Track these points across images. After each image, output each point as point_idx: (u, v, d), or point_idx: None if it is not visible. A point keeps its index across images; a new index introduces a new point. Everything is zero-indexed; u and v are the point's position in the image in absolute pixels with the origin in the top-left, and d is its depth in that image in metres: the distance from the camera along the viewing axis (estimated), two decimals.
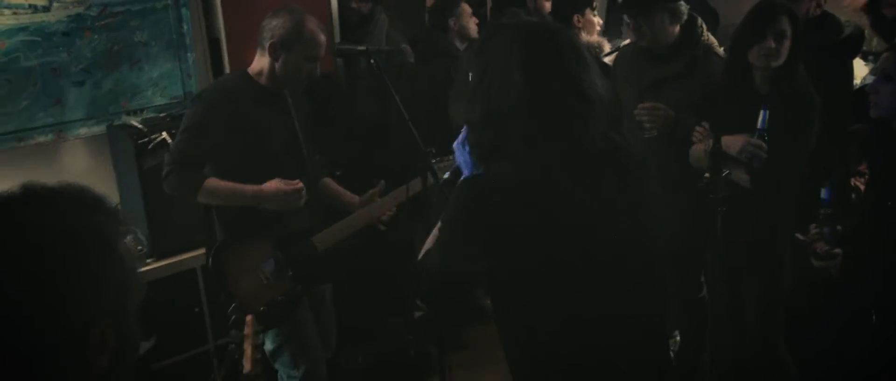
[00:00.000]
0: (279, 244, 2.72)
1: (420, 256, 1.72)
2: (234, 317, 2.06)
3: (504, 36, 1.62)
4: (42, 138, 3.16)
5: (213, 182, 2.63)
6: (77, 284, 0.89)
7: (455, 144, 1.74)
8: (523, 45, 1.58)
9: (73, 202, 0.95)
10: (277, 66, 2.64)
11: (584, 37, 3.92)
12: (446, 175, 1.96)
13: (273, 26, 2.62)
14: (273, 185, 2.61)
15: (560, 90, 1.56)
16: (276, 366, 2.86)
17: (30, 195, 0.92)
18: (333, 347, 3.13)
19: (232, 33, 3.55)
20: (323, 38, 2.67)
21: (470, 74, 1.63)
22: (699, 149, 2.65)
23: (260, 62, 2.69)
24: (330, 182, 2.96)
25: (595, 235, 1.57)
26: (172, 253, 3.23)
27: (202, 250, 3.23)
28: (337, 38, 3.85)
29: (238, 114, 2.63)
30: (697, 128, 2.67)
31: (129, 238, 1.00)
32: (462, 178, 1.74)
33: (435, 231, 1.71)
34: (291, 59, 2.61)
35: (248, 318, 2.02)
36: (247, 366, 1.94)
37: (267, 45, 2.62)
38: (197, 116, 2.63)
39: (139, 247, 3.15)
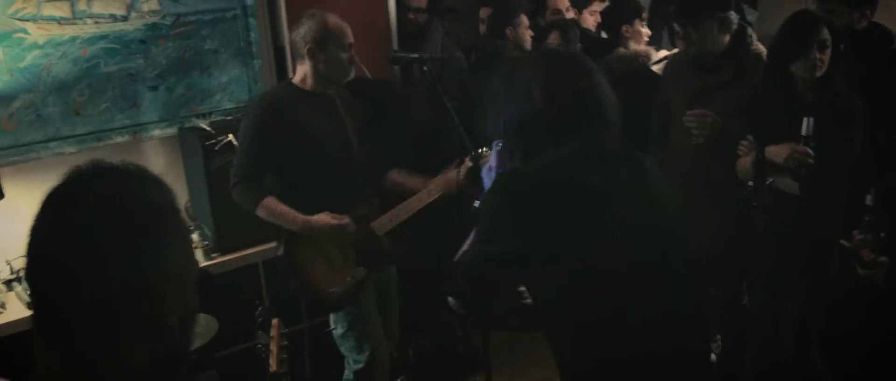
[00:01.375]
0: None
1: (457, 256, 1.80)
2: (260, 319, 2.13)
3: (529, 62, 1.90)
4: (119, 139, 3.30)
5: (270, 202, 2.77)
6: (142, 251, 0.94)
7: (483, 172, 1.87)
8: (540, 68, 1.79)
9: (135, 178, 1.00)
10: (320, 66, 2.77)
11: (632, 46, 3.91)
12: (476, 204, 2.03)
13: (303, 34, 2.77)
14: (323, 219, 2.76)
15: (572, 103, 1.72)
16: (343, 351, 2.97)
17: (96, 170, 0.98)
18: (397, 337, 3.20)
19: (294, 44, 3.63)
20: (348, 27, 2.81)
21: (498, 94, 1.80)
22: (746, 162, 2.62)
23: (302, 70, 2.83)
24: (395, 176, 3.06)
25: (624, 225, 1.65)
26: (236, 249, 3.33)
27: (263, 246, 3.34)
28: (395, 47, 3.91)
29: (286, 121, 2.75)
30: (742, 142, 2.64)
31: (183, 216, 1.05)
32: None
33: (470, 237, 1.80)
34: (329, 54, 2.75)
35: (274, 321, 2.09)
36: (273, 366, 2.01)
37: (305, 51, 2.76)
38: (249, 131, 2.78)
39: (205, 242, 3.26)
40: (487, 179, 1.89)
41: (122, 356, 0.95)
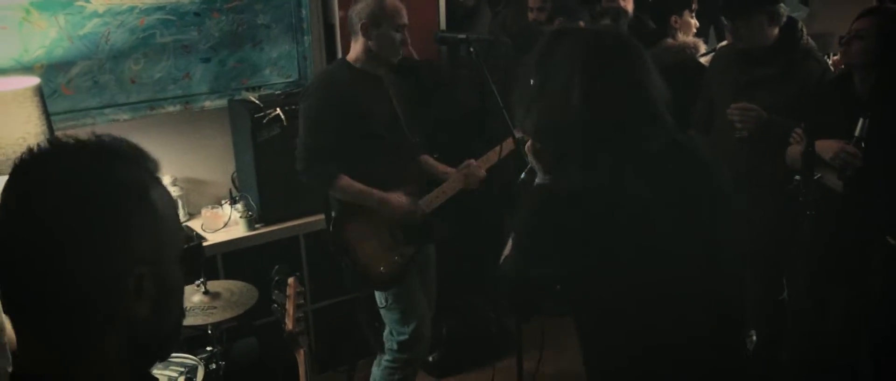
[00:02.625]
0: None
1: (500, 261, 1.71)
2: (277, 278, 2.11)
3: (565, 45, 1.56)
4: (171, 108, 3.33)
5: (345, 181, 2.77)
6: (106, 231, 0.86)
7: (527, 147, 1.73)
8: (584, 56, 1.52)
9: (99, 153, 0.90)
10: (372, 44, 2.76)
11: (681, 37, 3.80)
12: (523, 175, 1.96)
13: (358, 11, 2.77)
14: (399, 198, 2.81)
15: (620, 101, 1.50)
16: (387, 323, 3.00)
17: (58, 148, 0.90)
18: (434, 309, 3.21)
19: (350, 20, 3.62)
20: (403, 8, 2.80)
21: (531, 82, 1.57)
22: (796, 150, 2.55)
23: (355, 48, 2.82)
24: (426, 158, 3.07)
25: (662, 231, 1.52)
26: (279, 220, 3.35)
27: (305, 219, 3.36)
28: (443, 28, 3.87)
29: (345, 99, 2.75)
30: (796, 130, 2.56)
31: (161, 188, 0.94)
32: (536, 181, 1.73)
33: (512, 238, 1.70)
34: (382, 33, 2.75)
35: (291, 279, 2.06)
36: (289, 325, 1.99)
37: (359, 28, 2.76)
38: (312, 110, 2.77)
39: (249, 212, 3.28)
40: (529, 155, 1.77)
41: (95, 338, 0.88)
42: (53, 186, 0.87)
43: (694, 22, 3.88)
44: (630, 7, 4.07)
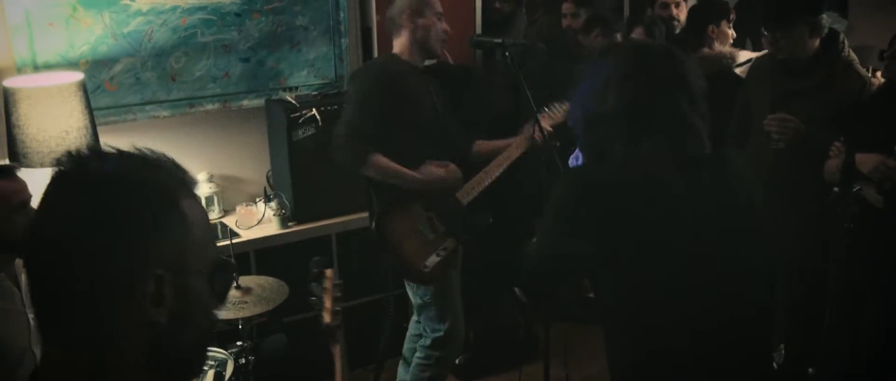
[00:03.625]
0: (430, 205, 2.84)
1: (526, 248, 1.74)
2: (315, 270, 2.09)
3: (615, 53, 1.73)
4: (210, 106, 3.36)
5: (380, 159, 2.74)
6: (128, 230, 0.86)
7: (570, 158, 1.79)
8: (628, 60, 1.66)
9: (134, 161, 0.92)
10: (418, 34, 2.81)
11: (718, 47, 3.74)
12: (571, 160, 1.97)
13: (399, 6, 2.82)
14: (433, 169, 2.79)
15: (653, 102, 1.61)
16: (422, 320, 2.99)
17: (95, 154, 0.92)
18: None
19: (391, 16, 3.63)
20: None
21: (576, 85, 1.72)
22: (834, 163, 2.48)
23: (400, 42, 2.86)
24: (482, 142, 3.07)
25: (688, 232, 1.57)
26: (311, 219, 3.36)
27: (337, 219, 3.36)
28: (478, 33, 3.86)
29: (395, 86, 2.79)
30: (835, 143, 2.49)
31: (194, 201, 0.94)
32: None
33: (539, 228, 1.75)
34: (426, 21, 2.81)
35: (328, 272, 2.04)
36: (326, 318, 1.97)
37: (403, 21, 2.81)
38: (362, 90, 2.78)
39: (282, 210, 3.29)
40: (574, 164, 1.84)
41: (117, 340, 0.88)
42: (87, 188, 0.88)
43: (731, 32, 3.82)
44: (682, 15, 4.02)
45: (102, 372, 0.88)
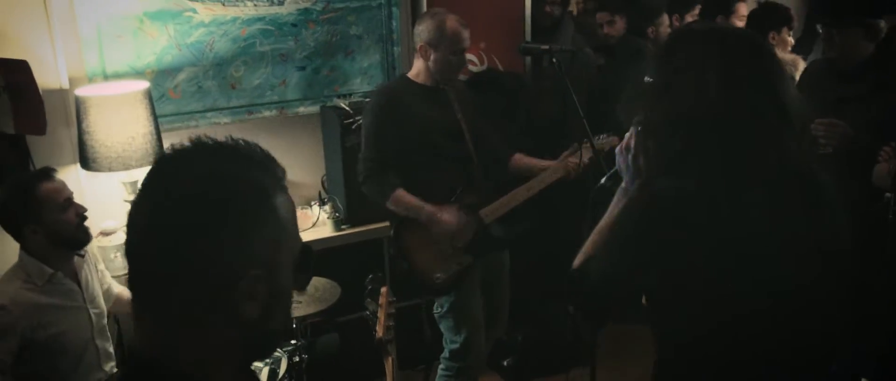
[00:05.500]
0: None
1: (577, 262, 1.58)
2: (370, 287, 2.13)
3: (698, 41, 1.46)
4: (267, 113, 3.45)
5: (400, 194, 2.80)
6: (229, 228, 0.88)
7: (617, 150, 1.61)
8: (721, 51, 1.41)
9: (233, 156, 0.93)
10: (431, 65, 2.79)
11: (779, 54, 3.66)
12: (603, 180, 1.89)
13: (420, 31, 2.80)
14: (449, 217, 2.77)
15: (757, 100, 1.38)
16: (442, 330, 3.00)
17: (197, 147, 0.93)
18: (504, 326, 3.17)
19: (414, 37, 3.67)
20: (465, 32, 2.79)
21: (654, 77, 1.48)
22: (884, 168, 2.40)
23: (417, 65, 2.88)
24: (521, 157, 3.05)
25: (765, 258, 1.40)
26: (364, 223, 3.41)
27: (389, 223, 3.39)
28: (528, 39, 3.85)
29: (400, 112, 2.80)
30: (885, 148, 2.41)
31: (285, 196, 0.95)
32: (622, 185, 1.62)
33: (591, 237, 1.60)
34: (439, 56, 2.77)
35: (383, 289, 2.08)
36: (379, 332, 2.01)
37: (419, 49, 2.80)
38: (370, 127, 2.85)
39: (336, 213, 3.35)
40: (621, 157, 1.59)
41: (208, 331, 0.90)
42: (187, 180, 0.89)
43: (791, 39, 3.73)
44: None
45: (191, 356, 0.90)
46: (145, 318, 0.92)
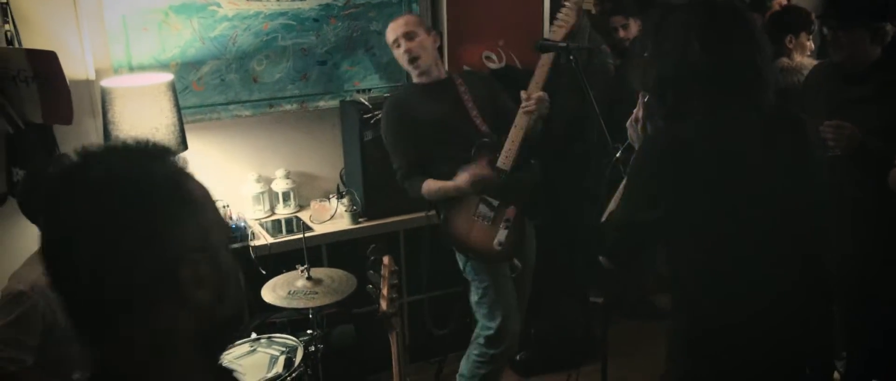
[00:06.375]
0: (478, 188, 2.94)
1: (604, 217, 1.82)
2: (372, 258, 2.12)
3: (681, 11, 1.67)
4: (288, 107, 3.48)
5: (428, 184, 2.97)
6: (148, 227, 0.86)
7: (628, 123, 1.81)
8: (701, 17, 1.62)
9: (130, 155, 0.91)
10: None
11: (797, 57, 3.63)
12: (618, 154, 1.95)
13: None
14: (464, 178, 2.89)
15: (736, 58, 1.59)
16: (477, 317, 3.06)
17: (87, 157, 0.90)
18: (526, 308, 3.22)
19: (453, 29, 3.68)
20: (396, 23, 3.03)
21: (648, 46, 1.69)
22: None
23: None
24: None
25: (763, 186, 1.61)
26: (381, 216, 3.44)
27: (405, 216, 3.44)
28: (546, 37, 3.85)
29: (406, 116, 3.00)
30: None
31: (193, 179, 0.93)
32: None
33: (617, 195, 1.80)
34: (396, 54, 3.04)
35: (386, 259, 2.06)
36: (383, 306, 2.00)
37: None
38: (388, 137, 3.05)
39: (354, 207, 3.37)
40: (631, 129, 1.83)
41: (167, 330, 0.89)
42: (91, 196, 0.86)
43: (809, 44, 3.70)
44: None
45: (158, 362, 0.90)
46: (99, 342, 0.90)
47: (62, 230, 0.88)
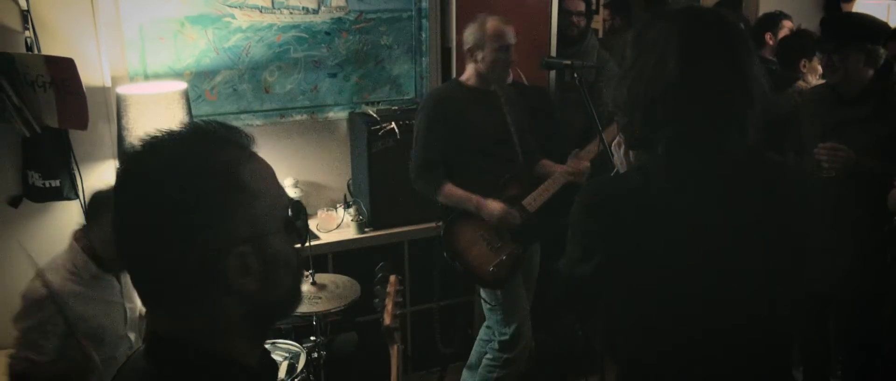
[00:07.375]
0: None
1: (560, 263, 1.57)
2: (379, 275, 2.17)
3: (662, 20, 1.42)
4: (298, 117, 3.52)
5: (448, 188, 2.94)
6: (199, 214, 0.88)
7: (612, 146, 1.64)
8: (682, 30, 1.37)
9: (191, 140, 0.93)
10: (480, 65, 2.92)
11: (812, 80, 3.65)
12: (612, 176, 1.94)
13: (466, 36, 2.95)
14: (496, 206, 2.89)
15: (716, 79, 1.34)
16: (490, 324, 3.09)
17: (153, 142, 0.93)
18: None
19: (462, 44, 3.72)
20: (508, 28, 2.90)
21: (622, 59, 1.45)
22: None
23: (468, 70, 3.00)
24: (545, 162, 3.18)
25: (714, 256, 1.36)
26: (387, 226, 3.47)
27: (410, 227, 3.45)
28: (554, 54, 3.88)
29: (453, 115, 2.92)
30: None
31: (255, 164, 0.94)
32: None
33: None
34: (486, 55, 2.89)
35: (392, 277, 2.11)
36: (387, 320, 2.05)
37: (467, 54, 2.94)
38: (422, 126, 2.98)
39: (360, 216, 3.40)
40: (616, 153, 1.61)
41: (214, 310, 0.91)
42: (148, 176, 0.91)
43: (819, 67, 3.71)
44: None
45: (209, 334, 0.93)
46: (159, 313, 0.96)
47: (121, 214, 0.92)
